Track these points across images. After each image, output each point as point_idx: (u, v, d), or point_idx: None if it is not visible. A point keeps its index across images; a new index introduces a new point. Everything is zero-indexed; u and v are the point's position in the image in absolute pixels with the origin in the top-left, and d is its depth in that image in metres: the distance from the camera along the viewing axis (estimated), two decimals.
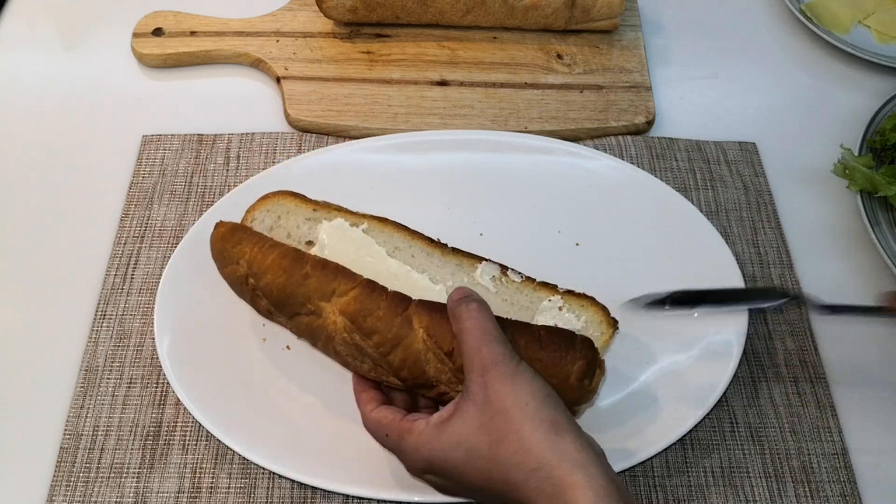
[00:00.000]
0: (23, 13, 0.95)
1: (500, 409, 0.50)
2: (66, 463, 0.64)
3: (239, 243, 0.61)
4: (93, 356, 0.69)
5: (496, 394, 0.51)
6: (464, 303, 0.54)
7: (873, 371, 0.71)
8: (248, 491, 0.63)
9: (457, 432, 0.52)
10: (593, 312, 0.63)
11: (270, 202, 0.66)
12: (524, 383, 0.51)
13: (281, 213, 0.65)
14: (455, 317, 0.55)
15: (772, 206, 0.80)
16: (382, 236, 0.65)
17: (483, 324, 0.53)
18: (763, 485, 0.65)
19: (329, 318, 0.58)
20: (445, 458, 0.52)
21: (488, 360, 0.52)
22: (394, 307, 0.57)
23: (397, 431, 0.55)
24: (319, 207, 0.66)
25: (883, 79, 0.91)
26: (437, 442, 0.52)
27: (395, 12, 0.88)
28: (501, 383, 0.51)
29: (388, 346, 0.57)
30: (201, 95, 0.87)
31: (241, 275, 0.61)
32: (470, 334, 0.53)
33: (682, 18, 0.97)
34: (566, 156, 0.78)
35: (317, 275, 0.58)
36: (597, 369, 0.58)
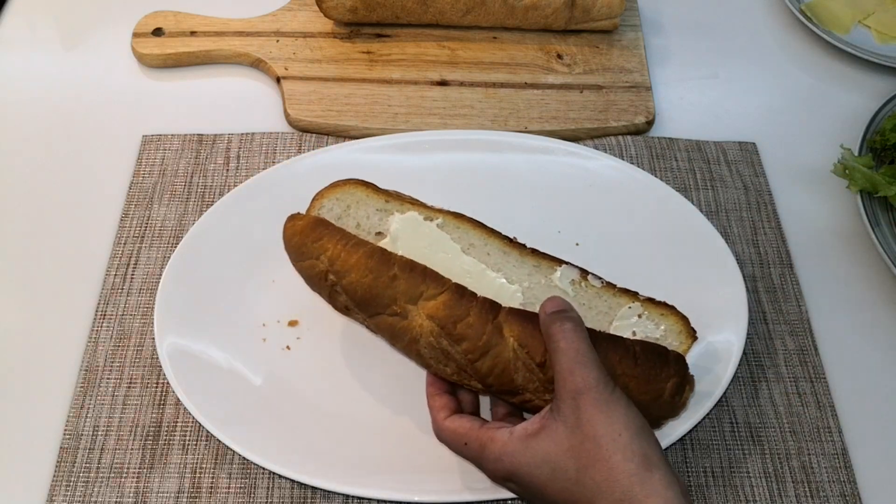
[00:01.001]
0: (23, 13, 0.95)
1: (591, 435, 0.50)
2: (66, 463, 0.64)
3: (320, 239, 0.59)
4: (93, 356, 0.69)
5: (588, 420, 0.50)
6: (558, 320, 0.53)
7: (873, 371, 0.71)
8: (248, 491, 0.63)
9: (543, 450, 0.52)
10: (673, 322, 0.62)
11: (340, 190, 0.64)
12: (618, 412, 0.50)
13: (351, 202, 0.63)
14: (549, 334, 0.54)
15: (772, 206, 0.80)
16: (458, 232, 0.63)
17: (578, 345, 0.52)
18: (763, 485, 0.65)
19: (415, 321, 0.57)
20: (531, 472, 0.52)
21: (582, 384, 0.51)
22: (484, 314, 0.56)
23: (478, 441, 0.55)
24: (391, 199, 0.64)
25: (883, 79, 0.91)
26: (523, 456, 0.52)
27: (395, 12, 0.88)
28: (595, 409, 0.50)
29: (478, 353, 0.56)
30: (201, 95, 0.87)
31: (320, 270, 0.59)
32: (564, 354, 0.52)
33: (682, 18, 0.97)
34: (566, 156, 0.78)
35: (405, 277, 0.56)
36: (686, 385, 0.58)
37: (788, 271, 0.76)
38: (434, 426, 0.59)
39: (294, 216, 0.61)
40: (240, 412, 0.64)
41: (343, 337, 0.69)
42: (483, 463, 0.55)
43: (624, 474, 0.49)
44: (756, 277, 0.75)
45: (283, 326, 0.69)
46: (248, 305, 0.69)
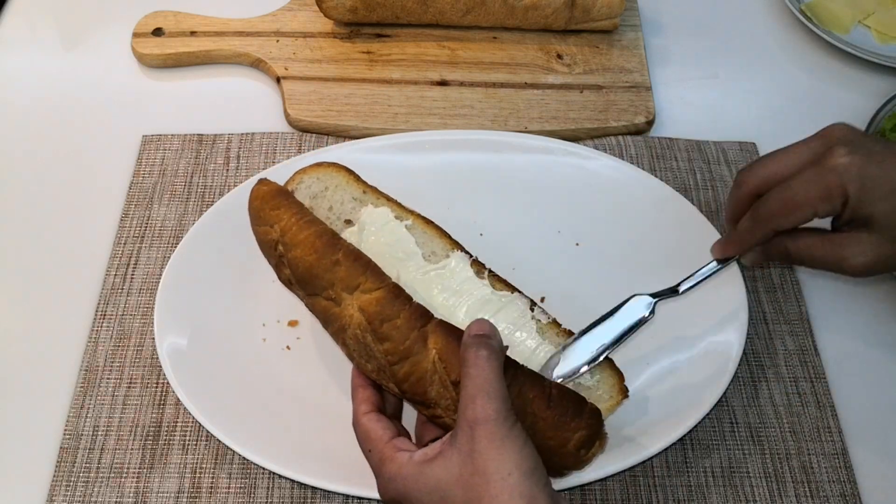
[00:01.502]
0: (23, 13, 0.95)
1: (481, 469, 0.49)
2: (66, 463, 0.64)
3: (278, 208, 0.59)
4: (93, 356, 0.69)
5: (481, 452, 0.49)
6: (475, 345, 0.52)
7: (873, 371, 0.71)
8: (248, 491, 0.63)
9: (436, 476, 0.51)
10: (608, 375, 0.61)
11: (322, 170, 0.65)
12: (512, 450, 0.49)
13: (330, 184, 0.64)
14: (464, 357, 0.52)
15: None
16: (424, 237, 0.63)
17: (487, 374, 0.51)
18: (763, 485, 0.65)
19: (346, 311, 0.56)
20: (421, 499, 0.51)
21: (481, 414, 0.49)
22: (413, 320, 0.54)
23: (380, 454, 0.54)
24: (369, 190, 0.65)
25: (883, 79, 0.91)
26: (416, 481, 0.51)
27: (395, 12, 0.88)
28: (489, 443, 0.49)
29: (397, 356, 0.55)
30: (201, 95, 0.87)
31: (271, 239, 0.59)
32: (471, 381, 0.51)
33: (682, 18, 0.97)
34: (566, 156, 0.78)
35: (347, 265, 0.56)
36: (597, 442, 0.55)
37: (788, 271, 0.76)
38: (353, 418, 0.57)
39: (263, 181, 0.62)
40: (240, 412, 0.64)
41: None
42: (378, 478, 0.54)
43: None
44: (756, 277, 0.75)
45: (283, 326, 0.69)
46: (248, 305, 0.69)
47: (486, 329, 0.53)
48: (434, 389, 0.55)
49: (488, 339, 0.52)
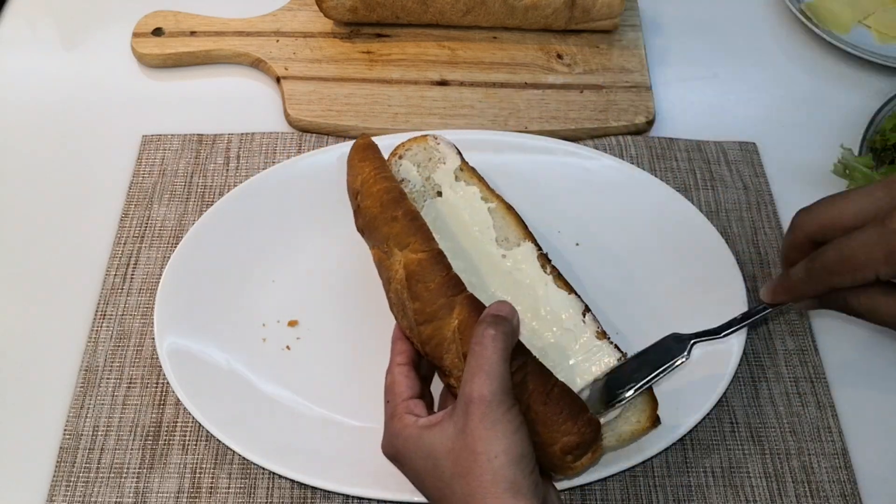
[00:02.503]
0: (23, 13, 0.95)
1: (471, 446, 0.49)
2: (66, 463, 0.64)
3: (364, 160, 0.64)
4: (93, 356, 0.69)
5: (472, 431, 0.50)
6: (486, 324, 0.52)
7: (873, 371, 0.71)
8: (248, 491, 0.63)
9: (431, 444, 0.52)
10: (644, 400, 0.60)
11: (432, 142, 0.70)
12: (503, 434, 0.49)
13: (434, 156, 0.69)
14: (474, 333, 0.53)
15: (772, 206, 0.80)
16: (502, 223, 0.66)
17: (490, 353, 0.51)
18: (763, 485, 0.65)
19: (394, 265, 0.58)
20: (415, 461, 0.53)
21: (477, 392, 0.50)
22: (445, 288, 0.56)
23: (392, 408, 0.56)
24: (466, 169, 0.69)
25: (883, 79, 0.91)
26: (414, 443, 0.53)
27: (395, 12, 0.88)
28: (481, 423, 0.49)
29: (423, 317, 0.56)
30: (201, 95, 0.87)
31: (354, 188, 0.64)
32: (475, 358, 0.51)
33: (682, 18, 0.97)
34: (566, 156, 0.78)
35: (404, 223, 0.59)
36: (588, 453, 0.54)
37: None
38: (388, 367, 0.59)
39: (363, 135, 0.67)
40: (240, 412, 0.64)
41: (343, 337, 0.69)
42: (384, 431, 0.56)
43: (490, 495, 0.48)
44: (756, 277, 0.75)
45: (283, 326, 0.69)
46: (248, 305, 0.69)
47: (505, 311, 0.54)
48: (449, 358, 0.56)
49: (502, 320, 0.53)
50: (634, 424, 0.60)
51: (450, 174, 0.68)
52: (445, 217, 0.66)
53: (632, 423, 0.60)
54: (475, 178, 0.68)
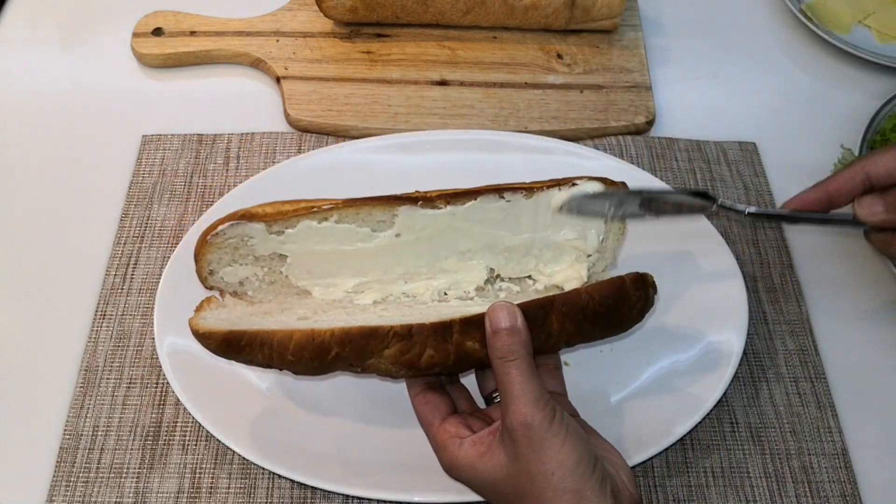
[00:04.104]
0: (23, 13, 0.95)
1: (525, 470, 0.51)
2: (66, 463, 0.64)
3: (241, 350, 0.56)
4: (93, 356, 0.69)
5: (521, 455, 0.51)
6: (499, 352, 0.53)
7: (873, 371, 0.71)
8: (248, 491, 0.63)
9: (487, 474, 0.53)
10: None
11: (218, 239, 0.59)
12: (551, 450, 0.51)
13: (235, 244, 0.60)
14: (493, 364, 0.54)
15: (772, 206, 0.80)
16: (357, 218, 0.60)
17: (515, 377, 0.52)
18: (763, 485, 0.65)
19: (381, 367, 0.57)
20: (477, 487, 0.55)
21: (516, 420, 0.51)
22: (440, 340, 0.55)
23: (433, 439, 0.57)
24: (273, 218, 0.59)
25: (883, 79, 0.91)
26: (470, 474, 0.54)
27: (395, 12, 0.88)
28: (528, 447, 0.51)
29: (451, 367, 0.57)
30: (201, 95, 0.87)
31: (261, 365, 0.57)
32: (503, 388, 0.52)
33: (682, 18, 0.97)
34: (566, 156, 0.78)
35: (347, 350, 0.55)
36: (649, 293, 0.60)
37: (788, 271, 0.76)
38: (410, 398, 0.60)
39: (202, 336, 0.56)
40: (239, 412, 0.64)
41: None
42: (438, 458, 0.57)
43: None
44: (756, 277, 0.75)
45: None
46: None
47: (505, 321, 0.54)
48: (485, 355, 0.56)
49: (508, 336, 0.53)
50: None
51: (268, 238, 0.59)
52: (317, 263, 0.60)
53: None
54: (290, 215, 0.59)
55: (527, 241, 0.61)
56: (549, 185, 0.61)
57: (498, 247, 0.61)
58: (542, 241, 0.62)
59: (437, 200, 0.60)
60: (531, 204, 0.61)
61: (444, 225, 0.60)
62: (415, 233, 0.60)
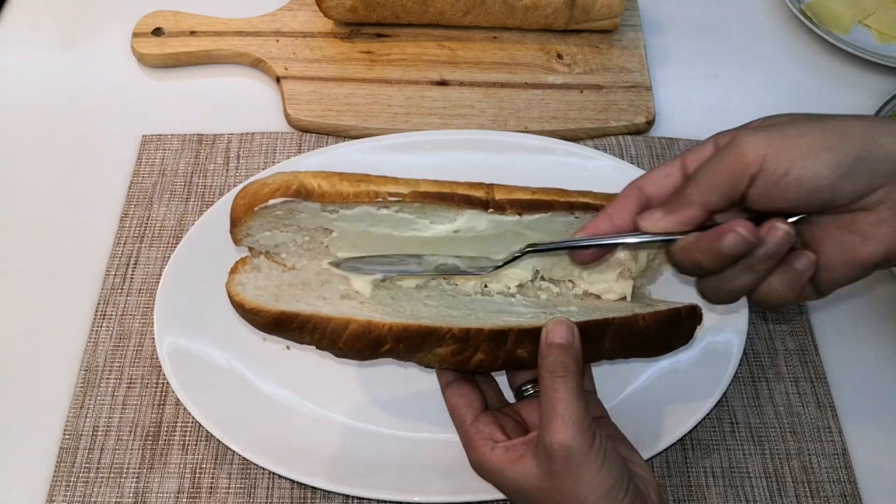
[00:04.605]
0: (23, 13, 0.95)
1: (559, 488, 0.51)
2: (66, 463, 0.64)
3: (291, 331, 0.54)
4: (93, 356, 0.69)
5: (557, 474, 0.51)
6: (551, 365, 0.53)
7: (873, 371, 0.71)
8: (248, 491, 0.63)
9: (518, 481, 0.53)
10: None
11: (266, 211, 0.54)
12: (588, 475, 0.50)
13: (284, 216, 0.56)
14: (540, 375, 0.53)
15: None
16: (422, 210, 0.57)
17: (563, 395, 0.51)
18: (763, 485, 0.65)
19: (425, 359, 0.57)
20: (506, 490, 0.55)
21: (556, 441, 0.51)
22: (494, 347, 0.56)
23: (464, 436, 0.57)
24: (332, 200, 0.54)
25: (883, 79, 0.91)
26: (500, 478, 0.54)
27: (395, 12, 0.88)
28: (565, 470, 0.51)
29: (496, 368, 0.58)
30: (201, 95, 0.87)
31: (305, 343, 0.56)
32: (548, 403, 0.52)
33: (682, 18, 0.97)
34: (566, 156, 0.78)
35: (400, 347, 0.55)
36: (696, 325, 0.61)
37: None
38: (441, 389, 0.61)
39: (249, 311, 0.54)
40: (240, 412, 0.64)
41: None
42: (468, 456, 0.57)
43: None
44: None
45: None
46: None
47: (561, 336, 0.53)
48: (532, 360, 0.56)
49: (562, 351, 0.53)
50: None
51: (319, 215, 0.56)
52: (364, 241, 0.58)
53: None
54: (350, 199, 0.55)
55: None
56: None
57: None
58: None
59: (508, 209, 0.58)
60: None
61: (506, 229, 0.60)
62: (475, 232, 0.59)
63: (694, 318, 0.60)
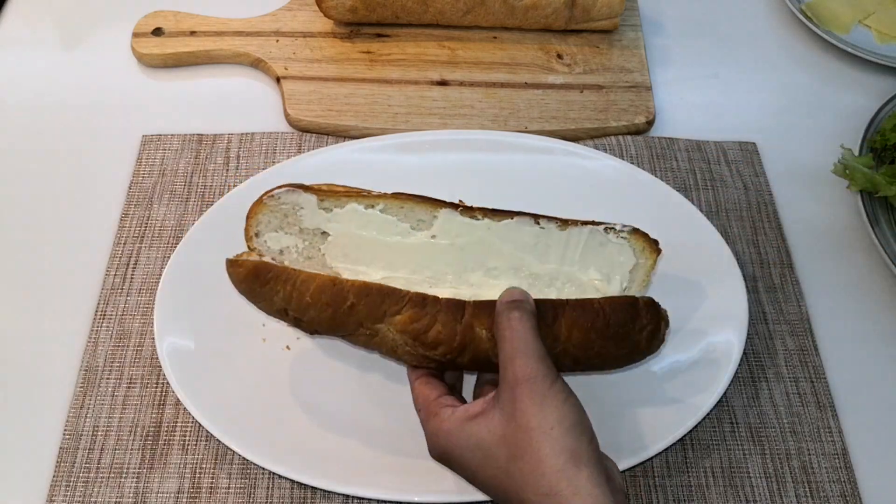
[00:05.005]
0: (23, 13, 0.95)
1: (524, 426, 0.50)
2: (66, 463, 0.64)
3: (267, 283, 0.58)
4: (93, 356, 0.69)
5: (522, 411, 0.50)
6: (507, 310, 0.54)
7: (873, 371, 0.71)
8: (248, 491, 0.63)
9: (478, 435, 0.52)
10: (635, 240, 0.62)
11: (273, 201, 0.62)
12: (553, 406, 0.50)
13: (286, 210, 0.62)
14: (497, 324, 0.54)
15: (772, 206, 0.80)
16: (402, 212, 0.62)
17: (522, 335, 0.53)
18: (763, 485, 0.65)
19: (387, 336, 0.58)
20: (463, 455, 0.53)
21: (520, 374, 0.51)
22: (451, 318, 0.56)
23: (426, 411, 0.56)
24: (326, 195, 0.62)
25: (883, 79, 0.91)
26: (457, 437, 0.53)
27: (395, 12, 0.88)
28: (530, 401, 0.50)
29: (456, 352, 0.57)
30: (201, 95, 0.87)
31: (278, 308, 0.59)
32: (508, 343, 0.53)
33: (682, 18, 0.97)
34: (566, 156, 0.78)
35: (363, 302, 0.57)
36: (661, 323, 0.59)
37: (788, 271, 0.76)
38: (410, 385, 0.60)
39: (233, 263, 0.59)
40: (240, 412, 0.64)
41: None
42: (426, 435, 0.56)
43: (551, 469, 0.49)
44: (756, 277, 0.75)
45: (283, 326, 0.69)
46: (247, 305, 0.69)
47: (516, 295, 0.55)
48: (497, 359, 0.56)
49: (519, 303, 0.54)
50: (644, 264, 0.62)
51: (317, 212, 0.61)
52: (355, 248, 0.61)
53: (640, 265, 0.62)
54: (342, 196, 0.62)
55: (552, 271, 0.62)
56: (584, 222, 0.62)
57: (524, 271, 0.62)
58: (567, 275, 0.62)
59: (476, 211, 0.62)
60: (563, 237, 0.62)
61: (478, 237, 0.61)
62: (449, 238, 0.61)
63: (656, 313, 0.59)
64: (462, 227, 0.61)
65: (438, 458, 0.56)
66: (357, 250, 0.61)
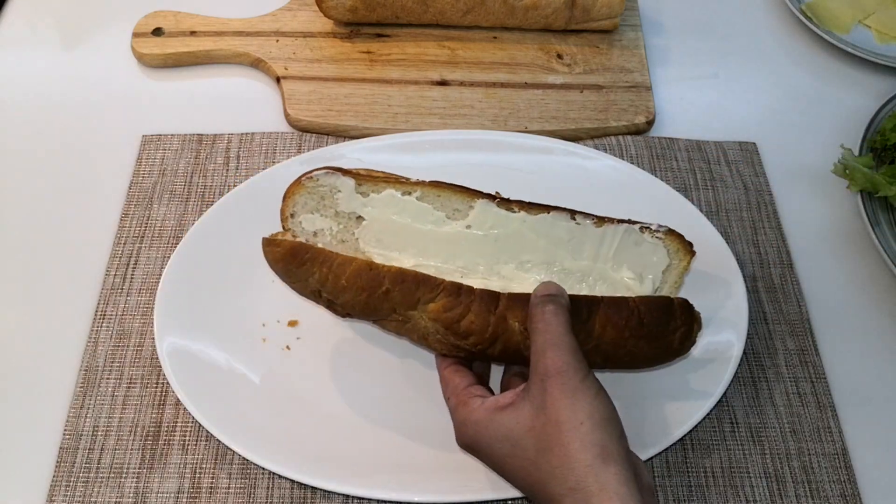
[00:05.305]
0: (23, 13, 0.95)
1: (553, 419, 0.50)
2: (66, 463, 0.64)
3: (303, 264, 0.58)
4: (93, 356, 0.69)
5: (553, 403, 0.50)
6: (541, 303, 0.54)
7: (873, 371, 0.71)
8: (248, 491, 0.63)
9: (507, 426, 0.52)
10: (670, 241, 0.63)
11: (311, 182, 0.62)
12: (584, 400, 0.50)
13: (324, 192, 0.62)
14: (531, 315, 0.54)
15: (772, 206, 0.80)
16: (439, 200, 0.62)
17: (555, 328, 0.53)
18: (763, 485, 0.65)
19: (420, 323, 0.58)
20: (492, 445, 0.53)
21: (552, 367, 0.51)
22: (485, 308, 0.56)
23: (455, 399, 0.56)
24: (364, 180, 0.62)
25: (883, 79, 0.91)
26: (486, 428, 0.53)
27: (395, 12, 0.88)
28: (561, 394, 0.50)
29: (487, 343, 0.57)
30: (201, 95, 0.87)
31: (313, 290, 0.60)
32: (540, 335, 0.53)
33: (682, 18, 0.97)
34: (566, 156, 0.78)
35: (398, 289, 0.57)
36: (694, 325, 0.60)
37: (788, 271, 0.76)
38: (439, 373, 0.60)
39: (271, 241, 0.59)
40: (240, 412, 0.64)
41: (343, 337, 0.69)
42: (454, 423, 0.56)
43: (580, 463, 0.49)
44: (756, 277, 0.75)
45: (283, 326, 0.69)
46: (248, 305, 0.69)
47: (552, 289, 0.55)
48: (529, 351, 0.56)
49: (553, 297, 0.54)
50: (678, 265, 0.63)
51: (354, 196, 0.62)
52: (388, 233, 0.62)
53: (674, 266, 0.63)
54: (380, 181, 0.62)
55: (585, 267, 0.62)
56: (620, 221, 0.62)
57: (556, 266, 0.62)
58: (600, 272, 0.62)
59: (513, 204, 0.62)
60: (598, 234, 0.62)
61: (513, 229, 0.62)
62: (484, 229, 0.62)
63: (690, 315, 0.60)
64: (497, 219, 0.62)
65: (466, 447, 0.56)
66: (391, 236, 0.62)
